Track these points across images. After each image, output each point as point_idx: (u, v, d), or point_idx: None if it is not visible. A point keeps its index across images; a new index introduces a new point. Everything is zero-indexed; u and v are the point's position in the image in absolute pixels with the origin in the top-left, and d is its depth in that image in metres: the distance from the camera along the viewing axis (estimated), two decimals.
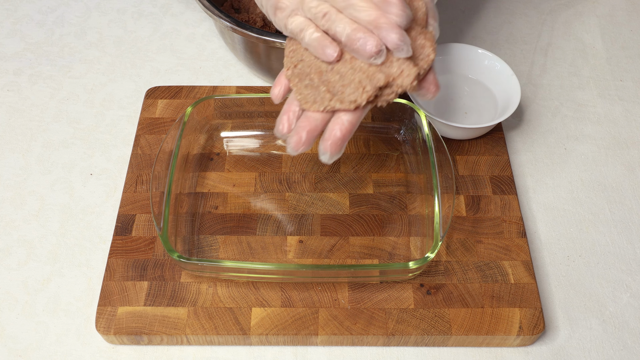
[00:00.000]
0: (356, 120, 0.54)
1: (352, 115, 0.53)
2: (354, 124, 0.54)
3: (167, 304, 0.64)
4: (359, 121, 0.54)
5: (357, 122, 0.54)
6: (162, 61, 0.90)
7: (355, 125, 0.54)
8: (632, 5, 0.98)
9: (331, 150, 0.54)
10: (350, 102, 0.52)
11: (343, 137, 0.53)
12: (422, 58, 0.53)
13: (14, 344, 0.64)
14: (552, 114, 0.84)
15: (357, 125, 0.54)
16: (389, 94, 0.53)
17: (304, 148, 0.54)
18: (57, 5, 0.97)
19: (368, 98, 0.51)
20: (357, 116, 0.53)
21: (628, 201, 0.75)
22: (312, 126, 0.54)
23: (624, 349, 0.64)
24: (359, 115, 0.54)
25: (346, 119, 0.53)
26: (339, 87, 0.53)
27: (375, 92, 0.52)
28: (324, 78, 0.54)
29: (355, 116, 0.53)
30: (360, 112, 0.54)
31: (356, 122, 0.54)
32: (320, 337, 0.62)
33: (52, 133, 0.81)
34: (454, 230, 0.69)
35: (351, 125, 0.53)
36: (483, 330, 0.62)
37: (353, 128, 0.54)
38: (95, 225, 0.72)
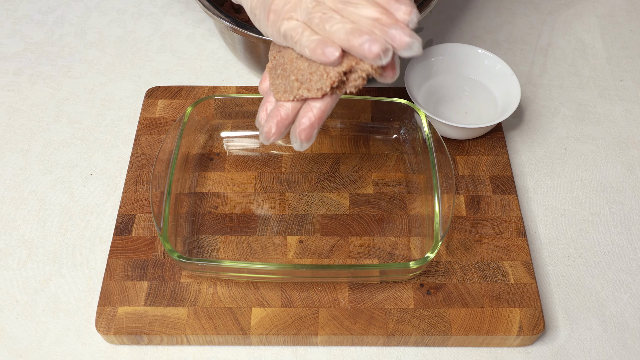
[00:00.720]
0: (325, 108, 0.54)
1: (321, 102, 0.53)
2: (324, 112, 0.54)
3: (167, 304, 0.64)
4: (330, 109, 0.54)
5: (327, 109, 0.54)
6: (162, 61, 0.90)
7: (324, 112, 0.54)
8: (632, 5, 0.98)
9: (300, 137, 0.54)
10: (317, 89, 0.53)
11: (312, 124, 0.54)
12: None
13: (14, 344, 0.64)
14: (552, 114, 0.84)
15: (327, 113, 0.54)
16: (355, 79, 0.53)
17: (275, 138, 0.55)
18: (57, 5, 0.97)
19: (332, 84, 0.52)
20: (326, 103, 0.54)
21: (628, 201, 0.75)
22: (283, 116, 0.55)
23: (624, 349, 0.64)
24: (328, 103, 0.54)
25: (315, 106, 0.54)
26: (307, 76, 0.53)
27: (339, 78, 0.52)
28: (293, 66, 0.55)
29: (324, 103, 0.54)
30: (330, 99, 0.54)
31: (326, 109, 0.54)
32: (320, 337, 0.62)
33: (52, 133, 0.81)
34: (454, 230, 0.69)
35: (320, 112, 0.54)
36: (483, 330, 0.62)
37: (323, 115, 0.54)
38: (95, 225, 0.72)
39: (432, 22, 0.94)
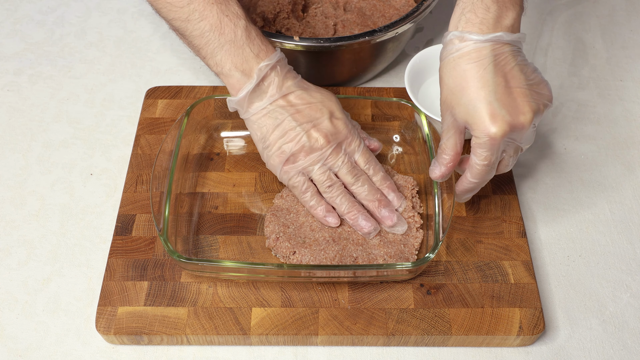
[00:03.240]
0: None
1: None
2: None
3: (167, 304, 0.64)
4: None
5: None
6: (162, 61, 0.90)
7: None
8: (632, 5, 0.98)
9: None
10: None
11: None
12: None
13: (14, 344, 0.64)
14: (552, 114, 0.84)
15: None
16: None
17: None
18: (57, 5, 0.97)
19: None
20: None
21: (628, 201, 0.75)
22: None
23: (624, 349, 0.64)
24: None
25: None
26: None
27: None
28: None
29: None
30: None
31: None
32: (320, 337, 0.62)
33: (52, 133, 0.81)
34: (454, 230, 0.69)
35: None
36: (483, 330, 0.62)
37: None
38: (95, 225, 0.72)
39: (432, 22, 0.94)
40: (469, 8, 0.59)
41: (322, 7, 0.87)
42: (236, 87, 0.64)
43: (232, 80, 0.64)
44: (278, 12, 0.84)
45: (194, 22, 0.62)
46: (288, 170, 0.65)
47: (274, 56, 0.64)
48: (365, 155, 0.67)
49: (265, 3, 0.85)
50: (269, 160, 0.66)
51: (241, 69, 0.63)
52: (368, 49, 0.79)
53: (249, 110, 0.65)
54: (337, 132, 0.65)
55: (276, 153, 0.65)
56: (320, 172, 0.65)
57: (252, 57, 0.63)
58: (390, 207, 0.67)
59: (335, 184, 0.66)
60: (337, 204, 0.66)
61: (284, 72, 0.65)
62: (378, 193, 0.67)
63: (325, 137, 0.64)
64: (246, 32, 0.63)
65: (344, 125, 0.66)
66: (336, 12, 0.86)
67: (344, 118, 0.67)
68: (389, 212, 0.66)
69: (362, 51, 0.79)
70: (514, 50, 0.59)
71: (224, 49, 0.63)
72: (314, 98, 0.66)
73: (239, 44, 0.63)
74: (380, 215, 0.66)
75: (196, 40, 0.63)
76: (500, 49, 0.58)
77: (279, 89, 0.64)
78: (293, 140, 0.64)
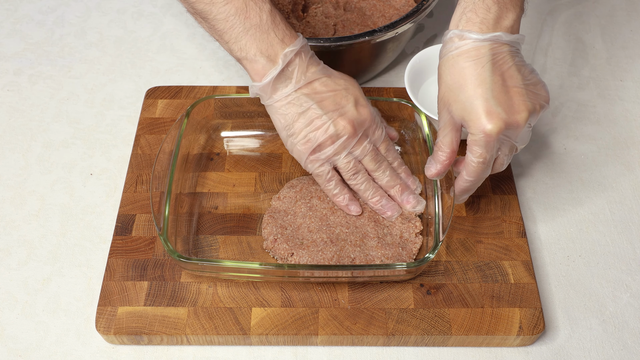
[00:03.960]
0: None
1: None
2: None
3: (167, 304, 0.64)
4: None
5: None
6: (162, 61, 0.90)
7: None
8: (632, 5, 0.98)
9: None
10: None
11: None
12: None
13: (14, 344, 0.64)
14: (552, 114, 0.84)
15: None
16: None
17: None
18: (57, 5, 0.97)
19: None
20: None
21: (628, 201, 0.75)
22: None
23: (624, 349, 0.64)
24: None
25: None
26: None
27: None
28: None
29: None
30: None
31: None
32: (320, 337, 0.62)
33: (52, 133, 0.81)
34: (454, 230, 0.69)
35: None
36: (483, 330, 0.62)
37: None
38: (95, 225, 0.72)
39: (432, 22, 0.94)
40: (470, 7, 0.59)
41: (322, 7, 0.87)
42: (260, 73, 0.63)
43: (256, 65, 0.62)
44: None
45: (219, 5, 0.61)
46: (314, 159, 0.65)
47: (298, 42, 0.63)
48: (386, 142, 0.68)
49: None
50: (294, 149, 0.66)
51: (266, 54, 0.62)
52: (368, 49, 0.79)
53: (273, 96, 0.64)
54: (363, 120, 0.65)
55: (302, 141, 0.64)
56: (346, 161, 0.65)
57: (277, 42, 0.62)
58: (409, 190, 0.69)
59: (360, 171, 0.66)
60: (362, 190, 0.67)
61: (307, 57, 0.64)
62: (398, 178, 0.68)
63: (352, 126, 0.64)
64: (271, 16, 0.62)
65: (368, 113, 0.66)
66: (336, 12, 0.86)
67: (368, 105, 0.67)
68: (408, 196, 0.68)
69: (362, 51, 0.79)
70: (513, 50, 0.59)
71: (249, 34, 0.61)
72: (339, 85, 0.65)
73: (264, 28, 0.62)
74: (401, 199, 0.68)
75: (220, 24, 0.62)
76: (498, 49, 0.58)
77: (304, 76, 0.64)
78: (320, 129, 0.64)
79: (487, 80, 0.58)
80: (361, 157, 0.66)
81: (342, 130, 0.64)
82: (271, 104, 0.65)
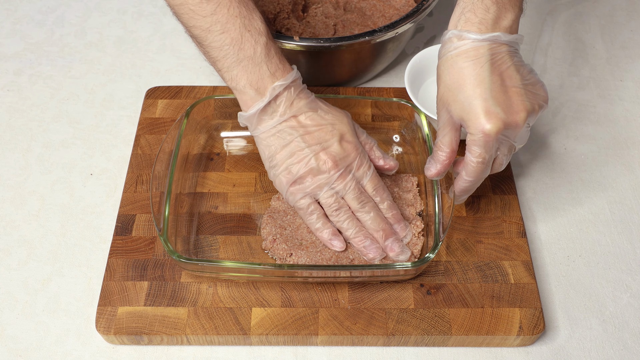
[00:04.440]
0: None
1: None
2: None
3: (167, 304, 0.64)
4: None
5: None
6: (162, 61, 0.90)
7: None
8: (632, 5, 0.98)
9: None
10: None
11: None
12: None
13: (14, 344, 0.64)
14: (552, 114, 0.84)
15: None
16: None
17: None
18: (57, 5, 0.97)
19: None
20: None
21: (628, 201, 0.75)
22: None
23: (624, 349, 0.64)
24: None
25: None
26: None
27: None
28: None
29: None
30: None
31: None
32: (320, 337, 0.62)
33: (52, 133, 0.81)
34: (454, 230, 0.69)
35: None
36: (483, 330, 0.62)
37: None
38: (95, 225, 0.72)
39: (432, 22, 0.94)
40: (469, 8, 0.59)
41: (322, 7, 0.87)
42: (248, 104, 0.63)
43: (245, 97, 0.63)
44: (278, 12, 0.84)
45: (214, 34, 0.61)
46: (295, 191, 0.65)
47: (290, 76, 0.63)
48: (374, 181, 0.66)
49: (265, 3, 0.85)
50: (276, 180, 0.66)
51: (255, 87, 0.62)
52: (368, 49, 0.79)
53: (259, 127, 0.64)
54: (346, 156, 0.64)
55: (283, 173, 0.64)
56: (327, 196, 0.64)
57: (268, 75, 0.62)
58: (394, 237, 0.65)
59: (343, 208, 0.65)
60: (344, 228, 0.65)
61: (297, 91, 0.64)
62: (383, 222, 0.65)
63: (333, 161, 0.64)
64: (266, 49, 0.62)
65: (353, 149, 0.65)
66: (336, 12, 0.86)
67: (355, 141, 0.66)
68: (392, 243, 0.65)
69: (362, 51, 0.79)
70: (511, 50, 0.59)
71: (242, 65, 0.62)
72: (325, 120, 0.65)
73: (257, 61, 0.62)
74: (384, 245, 0.65)
75: (214, 52, 0.62)
76: (497, 49, 0.58)
77: (290, 109, 0.64)
78: (301, 162, 0.64)
79: (486, 80, 0.58)
80: (343, 193, 0.65)
81: (323, 165, 0.63)
82: (257, 135, 0.65)
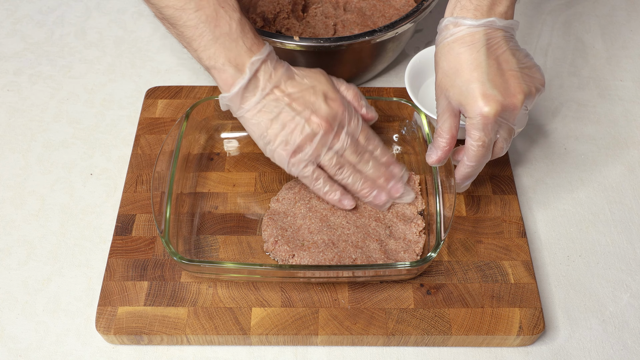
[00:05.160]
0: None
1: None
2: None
3: (167, 304, 0.64)
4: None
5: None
6: (162, 61, 0.90)
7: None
8: (632, 5, 0.98)
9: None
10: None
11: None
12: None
13: (14, 344, 0.64)
14: (552, 114, 0.84)
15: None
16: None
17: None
18: (57, 5, 0.97)
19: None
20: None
21: (628, 201, 0.75)
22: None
23: (624, 349, 0.64)
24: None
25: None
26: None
27: None
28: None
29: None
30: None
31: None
32: (320, 337, 0.62)
33: (52, 133, 0.81)
34: (454, 230, 0.69)
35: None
36: (483, 330, 0.62)
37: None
38: (95, 225, 0.72)
39: (432, 22, 0.94)
40: None
41: (322, 7, 0.87)
42: (229, 83, 0.62)
43: (224, 75, 0.62)
44: (278, 12, 0.84)
45: (189, 12, 0.60)
46: (296, 162, 0.64)
47: (265, 49, 0.63)
48: (365, 131, 0.67)
49: (265, 3, 0.85)
50: (274, 155, 0.65)
51: (234, 64, 0.61)
52: (368, 49, 0.79)
53: (243, 107, 0.63)
54: (335, 113, 0.64)
55: (280, 147, 0.64)
56: (328, 157, 0.64)
57: (245, 50, 0.62)
58: (396, 179, 0.68)
59: (345, 165, 0.65)
60: (350, 184, 0.66)
61: (273, 63, 0.63)
62: (382, 167, 0.67)
63: (326, 122, 0.63)
64: (240, 25, 0.62)
65: (339, 105, 0.65)
66: (336, 12, 0.86)
67: (338, 97, 0.65)
68: (396, 184, 0.68)
69: (362, 51, 0.79)
70: (507, 35, 0.60)
71: (219, 42, 0.61)
72: (304, 84, 0.64)
73: (233, 37, 0.61)
74: (389, 189, 0.68)
75: (189, 31, 0.61)
76: (493, 34, 0.59)
77: (270, 81, 0.63)
78: (295, 131, 0.63)
79: (483, 65, 0.58)
80: (342, 151, 0.65)
81: (317, 128, 0.63)
82: (242, 115, 0.64)
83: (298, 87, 0.64)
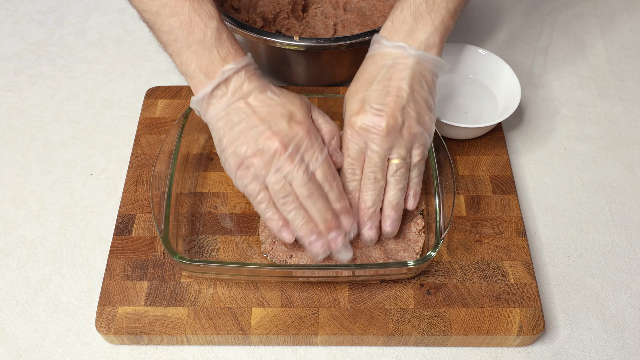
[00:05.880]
0: None
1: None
2: None
3: (167, 304, 0.64)
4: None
5: None
6: (162, 61, 0.90)
7: None
8: (632, 5, 0.98)
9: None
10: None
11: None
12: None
13: (14, 344, 0.64)
14: (552, 114, 0.84)
15: None
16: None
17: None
18: (57, 5, 0.97)
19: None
20: None
21: (628, 201, 0.75)
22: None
23: (624, 349, 0.64)
24: None
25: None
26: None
27: None
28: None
29: None
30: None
31: None
32: (320, 337, 0.62)
33: (52, 133, 0.81)
34: (454, 230, 0.69)
35: None
36: (483, 330, 0.62)
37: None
38: (95, 225, 0.72)
39: None
40: (393, 17, 0.65)
41: (322, 7, 0.87)
42: (198, 88, 0.61)
43: (194, 81, 0.61)
44: (278, 12, 0.84)
45: (163, 17, 0.60)
46: (242, 175, 0.61)
47: (242, 60, 0.61)
48: (324, 167, 0.61)
49: (265, 3, 0.85)
50: (225, 165, 0.62)
51: (205, 71, 0.60)
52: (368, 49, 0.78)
53: (208, 112, 0.62)
54: (294, 137, 0.60)
55: (231, 156, 0.61)
56: (274, 180, 0.60)
57: (219, 60, 0.60)
58: (338, 231, 0.61)
59: (290, 196, 0.60)
60: (290, 219, 0.60)
61: (248, 75, 0.62)
62: (329, 213, 0.61)
63: (280, 141, 0.59)
64: (217, 33, 0.60)
65: (303, 131, 0.61)
66: (336, 12, 0.86)
67: (306, 122, 0.62)
68: (336, 237, 0.61)
69: (362, 51, 0.78)
70: (422, 67, 0.64)
71: (191, 49, 0.60)
72: (274, 101, 0.62)
73: (207, 45, 0.60)
74: (327, 238, 0.61)
75: (164, 36, 0.61)
76: (401, 60, 0.63)
77: (239, 91, 0.61)
78: (247, 143, 0.60)
79: (374, 83, 0.63)
80: (290, 178, 0.60)
81: (270, 145, 0.59)
82: (208, 120, 0.63)
83: (265, 103, 0.62)
